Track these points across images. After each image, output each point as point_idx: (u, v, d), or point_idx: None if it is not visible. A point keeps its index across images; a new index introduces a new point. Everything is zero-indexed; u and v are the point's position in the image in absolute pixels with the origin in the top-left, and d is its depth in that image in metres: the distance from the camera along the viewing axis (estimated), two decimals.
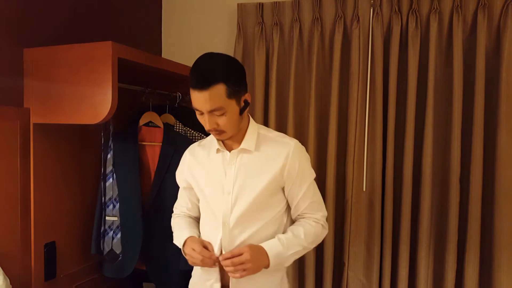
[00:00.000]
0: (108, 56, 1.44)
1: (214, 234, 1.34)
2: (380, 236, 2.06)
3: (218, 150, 1.36)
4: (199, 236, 1.41)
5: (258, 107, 2.17)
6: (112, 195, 1.81)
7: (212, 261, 1.28)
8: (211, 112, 1.21)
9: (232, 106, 1.23)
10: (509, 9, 1.87)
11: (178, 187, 1.80)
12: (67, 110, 1.51)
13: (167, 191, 1.81)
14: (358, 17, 2.04)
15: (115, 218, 1.81)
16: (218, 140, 1.35)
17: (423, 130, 1.98)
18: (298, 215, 1.39)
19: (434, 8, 1.95)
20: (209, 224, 1.38)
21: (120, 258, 1.80)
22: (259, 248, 1.27)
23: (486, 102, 1.91)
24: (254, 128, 1.35)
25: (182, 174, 1.48)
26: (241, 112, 1.28)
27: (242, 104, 1.27)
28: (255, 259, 1.24)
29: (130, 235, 1.80)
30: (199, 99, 1.20)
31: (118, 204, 1.80)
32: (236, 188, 1.31)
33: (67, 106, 1.51)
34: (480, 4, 1.89)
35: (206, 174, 1.39)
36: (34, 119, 1.55)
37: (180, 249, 1.42)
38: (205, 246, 1.31)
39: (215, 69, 1.20)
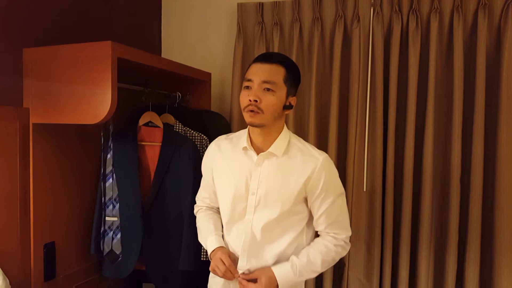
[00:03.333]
0: (108, 56, 1.43)
1: (237, 233, 1.36)
2: (380, 237, 2.06)
3: (245, 149, 1.34)
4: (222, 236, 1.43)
5: None
6: (112, 195, 1.81)
7: (233, 276, 1.31)
8: (263, 83, 1.24)
9: (281, 93, 1.26)
10: (510, 9, 1.86)
11: (178, 187, 1.79)
12: (66, 110, 1.51)
13: (166, 191, 1.80)
14: (359, 17, 2.04)
15: (115, 219, 1.80)
16: (249, 128, 1.34)
17: (423, 130, 1.98)
18: (321, 231, 1.38)
19: (434, 8, 1.94)
20: (231, 222, 1.38)
21: (120, 258, 1.80)
22: (271, 277, 1.29)
23: (487, 102, 1.91)
24: (286, 135, 1.35)
25: (207, 164, 1.47)
26: (284, 107, 1.29)
27: (288, 102, 1.30)
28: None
29: (129, 235, 1.79)
30: (257, 69, 1.26)
31: (118, 204, 1.80)
32: (260, 190, 1.31)
33: (67, 106, 1.51)
34: (480, 4, 1.89)
35: (228, 169, 1.38)
36: (33, 119, 1.55)
37: (179, 249, 1.42)
38: (233, 260, 1.33)
39: (283, 56, 1.33)
